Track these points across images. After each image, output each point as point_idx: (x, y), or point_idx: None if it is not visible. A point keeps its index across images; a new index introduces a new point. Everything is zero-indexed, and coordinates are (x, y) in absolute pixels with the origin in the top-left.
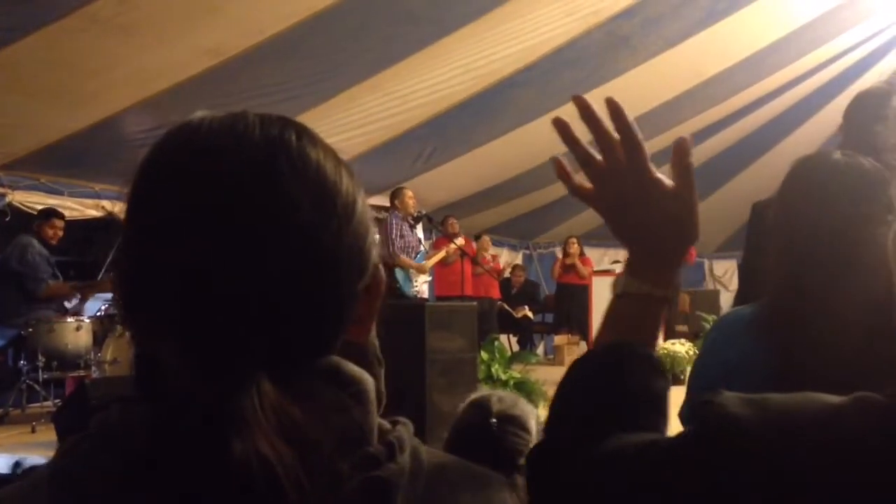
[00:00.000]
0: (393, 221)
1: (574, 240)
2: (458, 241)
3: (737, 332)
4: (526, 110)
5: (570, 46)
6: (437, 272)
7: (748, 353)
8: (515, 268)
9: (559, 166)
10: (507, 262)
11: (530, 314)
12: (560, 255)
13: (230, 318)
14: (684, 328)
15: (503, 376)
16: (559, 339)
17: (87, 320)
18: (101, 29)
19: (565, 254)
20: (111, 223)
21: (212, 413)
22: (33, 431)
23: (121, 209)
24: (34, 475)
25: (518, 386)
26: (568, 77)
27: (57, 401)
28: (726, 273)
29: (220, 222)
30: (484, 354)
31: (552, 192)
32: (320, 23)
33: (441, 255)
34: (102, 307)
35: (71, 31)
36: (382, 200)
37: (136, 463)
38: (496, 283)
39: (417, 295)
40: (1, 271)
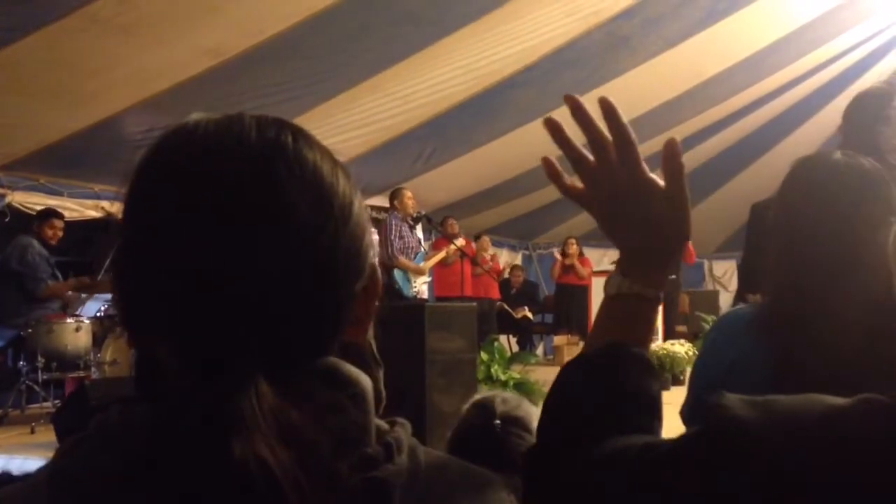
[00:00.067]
0: (392, 222)
1: (573, 240)
2: (459, 242)
3: (736, 332)
4: (526, 111)
5: (570, 47)
6: (437, 273)
7: (748, 352)
8: (514, 268)
9: (549, 166)
10: (506, 262)
11: (530, 315)
12: (559, 256)
13: (228, 318)
14: (684, 328)
15: (503, 377)
16: (559, 340)
17: (87, 321)
18: (101, 29)
19: (564, 254)
20: (110, 223)
21: (211, 414)
22: (33, 432)
23: (119, 209)
24: (34, 475)
25: (518, 386)
26: (568, 77)
27: (56, 401)
28: (726, 273)
29: (217, 223)
30: (483, 355)
31: (552, 193)
32: (320, 23)
33: (441, 255)
34: (102, 308)
35: (71, 31)
36: (382, 201)
37: (136, 463)
38: (496, 283)
39: (417, 296)
40: (1, 272)
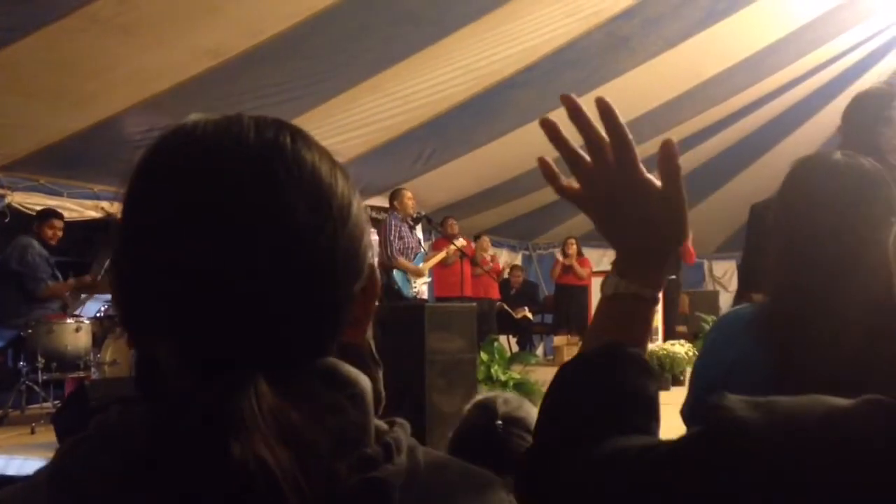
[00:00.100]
0: (392, 223)
1: (573, 240)
2: (459, 242)
3: (736, 332)
4: (526, 111)
5: (570, 47)
6: (437, 273)
7: (748, 352)
8: (514, 268)
9: (545, 167)
10: (506, 262)
11: (530, 315)
12: (561, 258)
13: (227, 319)
14: (684, 329)
15: (503, 377)
16: (559, 340)
17: (87, 321)
18: (100, 29)
19: (565, 255)
20: (110, 224)
21: (211, 414)
22: (33, 433)
23: (119, 210)
24: (34, 476)
25: (518, 387)
26: (568, 78)
27: (56, 402)
28: (726, 274)
29: (216, 223)
30: (483, 355)
31: (552, 194)
32: (320, 23)
33: (441, 256)
34: (102, 308)
35: (71, 32)
36: (382, 201)
37: (136, 464)
38: (496, 283)
39: (417, 296)
40: (1, 272)
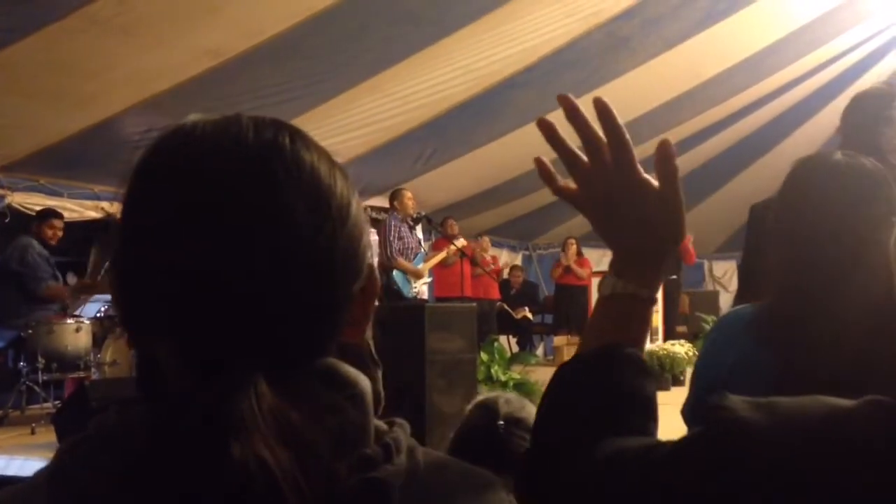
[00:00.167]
0: (391, 223)
1: (572, 241)
2: (460, 243)
3: (736, 333)
4: (526, 111)
5: (570, 47)
6: (437, 273)
7: (749, 353)
8: (513, 268)
9: (542, 167)
10: (505, 263)
11: (530, 315)
12: (564, 261)
13: (226, 319)
14: (684, 329)
15: (503, 377)
16: (559, 340)
17: (87, 322)
18: (100, 30)
19: (565, 257)
20: (110, 224)
21: (210, 414)
22: (33, 433)
23: (119, 210)
24: (34, 477)
25: (518, 387)
26: (568, 78)
27: (57, 402)
28: (726, 274)
29: (215, 224)
30: (483, 355)
31: (552, 194)
32: (320, 23)
33: (441, 256)
34: (102, 308)
35: (70, 32)
36: (382, 202)
37: (136, 463)
38: (496, 284)
39: (417, 296)
40: (1, 272)
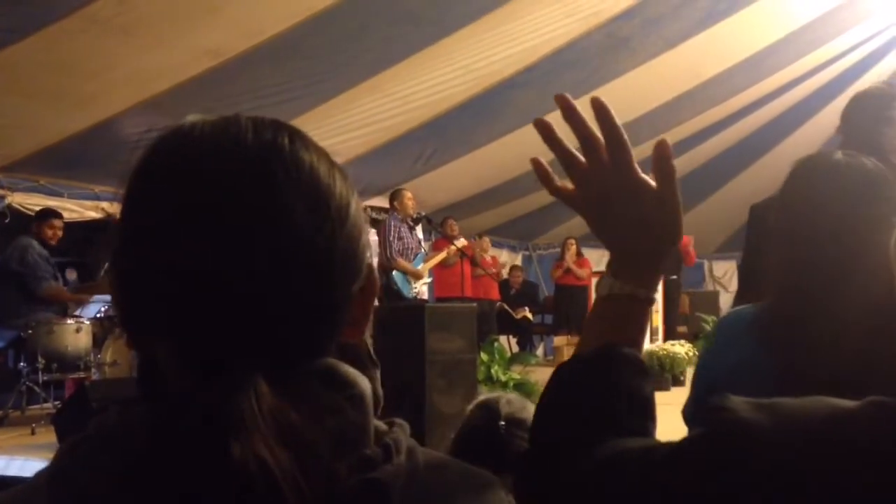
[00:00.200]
0: (391, 224)
1: (572, 241)
2: (460, 243)
3: (738, 333)
4: (526, 112)
5: (570, 48)
6: (437, 274)
7: (750, 354)
8: (513, 269)
9: (539, 168)
10: (504, 262)
11: (530, 315)
12: (567, 263)
13: (226, 319)
14: (684, 329)
15: (503, 377)
16: (559, 341)
17: (87, 322)
18: (100, 30)
19: (563, 255)
20: (109, 224)
21: (210, 414)
22: (33, 433)
23: (118, 210)
24: (35, 478)
25: (518, 387)
26: (568, 78)
27: (57, 402)
28: (726, 274)
29: (214, 224)
30: (484, 355)
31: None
32: (320, 23)
33: (441, 256)
34: (102, 309)
35: (70, 32)
36: (382, 202)
37: (136, 464)
38: (496, 284)
39: (417, 296)
40: (1, 272)
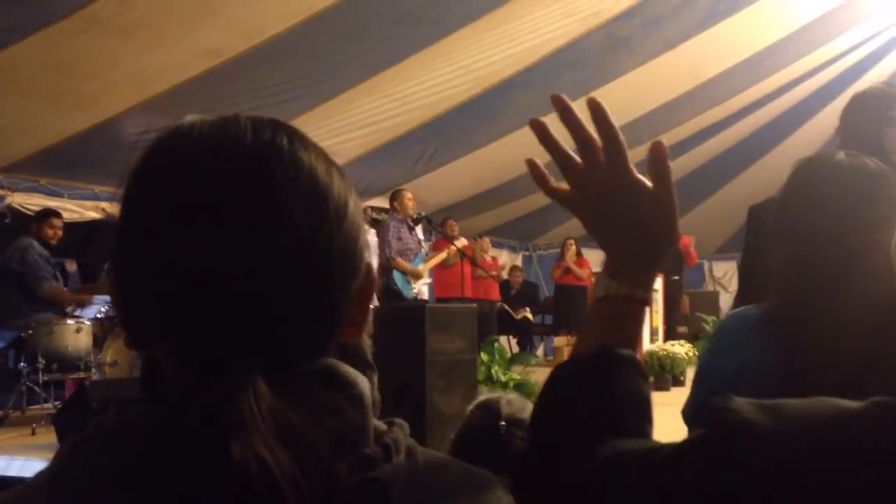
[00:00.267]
0: (391, 224)
1: (572, 241)
2: (460, 243)
3: (741, 334)
4: (526, 112)
5: (570, 48)
6: (437, 274)
7: (753, 355)
8: (513, 269)
9: (534, 168)
10: (504, 263)
11: (530, 316)
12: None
13: (225, 319)
14: (684, 329)
15: (503, 378)
16: (559, 341)
17: (87, 322)
18: (100, 30)
19: (563, 256)
20: (107, 224)
21: (210, 414)
22: (33, 433)
23: (117, 210)
24: (34, 476)
25: (518, 387)
26: (568, 78)
27: (57, 403)
28: (726, 274)
29: (213, 224)
30: (484, 356)
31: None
32: (320, 23)
33: (442, 256)
34: (102, 309)
35: (70, 33)
36: (382, 202)
37: (136, 464)
38: (496, 284)
39: (416, 297)
40: (1, 273)
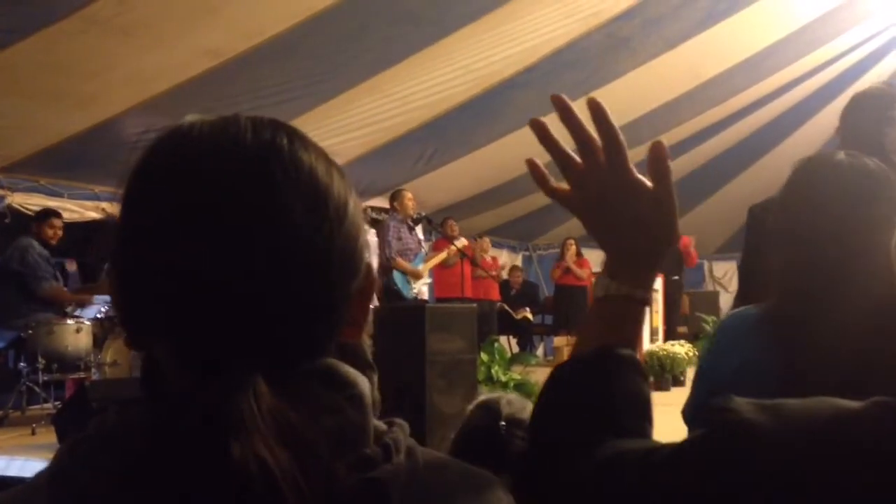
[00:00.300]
0: (390, 224)
1: (572, 241)
2: (460, 243)
3: (741, 334)
4: (526, 112)
5: (570, 48)
6: (437, 274)
7: (754, 355)
8: (513, 269)
9: (534, 168)
10: (504, 263)
11: (530, 316)
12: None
13: (225, 319)
14: (684, 329)
15: (503, 378)
16: (559, 341)
17: (87, 322)
18: (99, 30)
19: (563, 256)
20: (107, 224)
21: (210, 414)
22: (33, 433)
23: (117, 210)
24: (34, 476)
25: (518, 387)
26: (568, 79)
27: (57, 403)
28: (726, 274)
29: (213, 224)
30: (484, 356)
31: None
32: (320, 23)
33: (442, 256)
34: (102, 309)
35: (70, 33)
36: (382, 202)
37: (136, 463)
38: (496, 284)
39: (416, 297)
40: (1, 273)
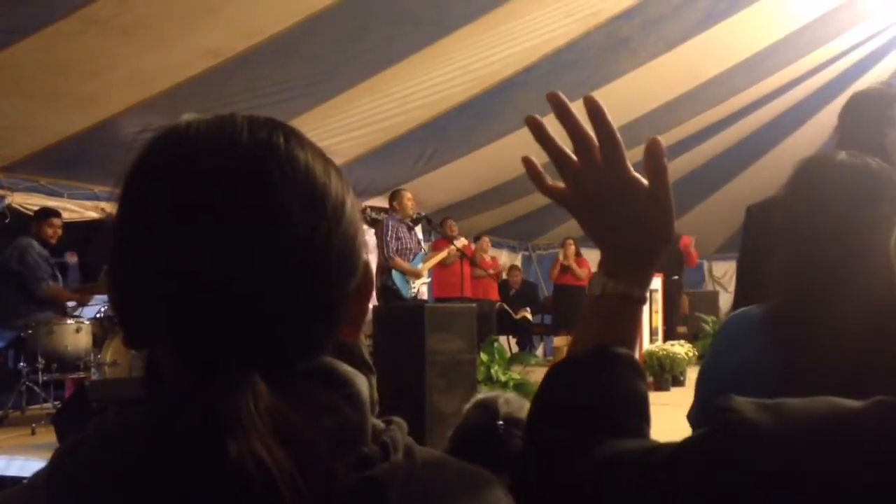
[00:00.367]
0: (389, 224)
1: (571, 241)
2: (459, 243)
3: (743, 335)
4: (525, 112)
5: (569, 48)
6: (437, 274)
7: (755, 355)
8: (512, 269)
9: (531, 167)
10: (504, 263)
11: (529, 316)
12: (561, 258)
13: (223, 319)
14: (684, 329)
15: (502, 377)
16: (558, 341)
17: (87, 322)
18: (99, 30)
19: (563, 255)
20: (106, 224)
21: (208, 414)
22: (33, 433)
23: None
24: (33, 476)
25: (517, 387)
26: (568, 78)
27: (57, 403)
28: (726, 274)
29: (210, 224)
30: (483, 356)
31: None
32: (320, 24)
33: (441, 256)
34: (102, 309)
35: (69, 33)
36: (382, 202)
37: (135, 464)
38: (495, 284)
39: (416, 297)
40: (1, 273)
